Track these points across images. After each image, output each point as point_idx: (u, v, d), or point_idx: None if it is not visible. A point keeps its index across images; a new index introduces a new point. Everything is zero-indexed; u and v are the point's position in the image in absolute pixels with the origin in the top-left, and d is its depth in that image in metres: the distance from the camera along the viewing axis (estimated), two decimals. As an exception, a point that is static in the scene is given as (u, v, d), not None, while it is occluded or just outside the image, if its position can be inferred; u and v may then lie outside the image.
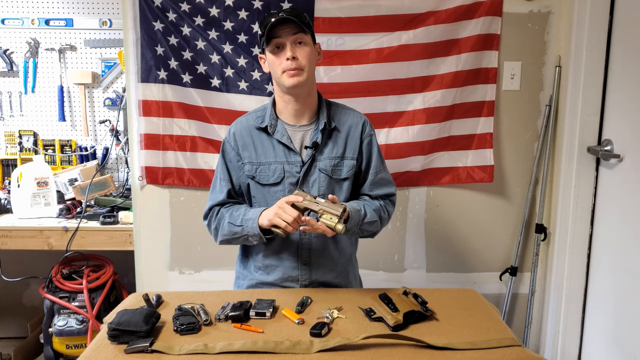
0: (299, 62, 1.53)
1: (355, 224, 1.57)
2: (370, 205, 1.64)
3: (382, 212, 1.67)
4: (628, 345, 1.98)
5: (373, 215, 1.62)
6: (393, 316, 1.37)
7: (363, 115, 1.73)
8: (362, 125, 1.68)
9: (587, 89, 2.15)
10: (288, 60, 1.52)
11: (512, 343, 1.32)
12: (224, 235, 1.63)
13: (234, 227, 1.60)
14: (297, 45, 1.55)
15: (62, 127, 2.82)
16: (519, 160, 2.41)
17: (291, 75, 1.53)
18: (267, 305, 1.45)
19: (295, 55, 1.53)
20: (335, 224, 1.44)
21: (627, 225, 1.99)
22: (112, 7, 2.70)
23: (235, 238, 1.62)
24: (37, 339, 2.62)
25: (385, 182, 1.72)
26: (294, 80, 1.54)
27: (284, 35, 1.53)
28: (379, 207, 1.67)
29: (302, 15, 1.55)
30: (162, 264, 2.44)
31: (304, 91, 1.60)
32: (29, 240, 2.36)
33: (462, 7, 2.23)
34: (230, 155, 1.67)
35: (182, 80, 2.27)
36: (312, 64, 1.58)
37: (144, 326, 1.31)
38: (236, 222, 1.60)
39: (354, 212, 1.55)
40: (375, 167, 1.69)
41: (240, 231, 1.59)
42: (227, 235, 1.62)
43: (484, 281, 2.49)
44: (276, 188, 1.63)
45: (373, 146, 1.70)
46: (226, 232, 1.62)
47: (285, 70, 1.54)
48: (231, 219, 1.61)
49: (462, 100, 2.32)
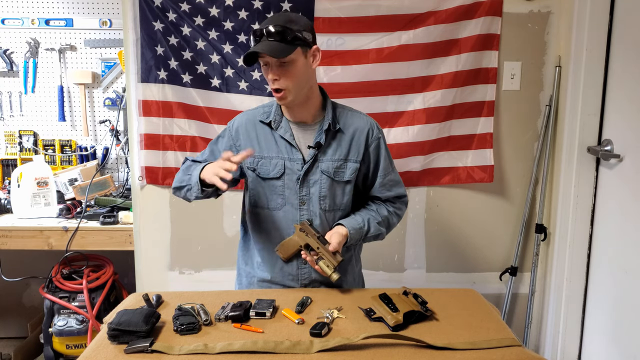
0: (281, 83, 1.52)
1: (357, 240, 1.65)
2: (376, 218, 1.67)
3: (391, 218, 1.71)
4: (628, 345, 1.98)
5: (377, 229, 1.66)
6: (393, 316, 1.37)
7: (371, 118, 1.71)
8: (369, 130, 1.67)
9: (587, 89, 2.15)
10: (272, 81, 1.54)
11: (512, 343, 1.32)
12: (176, 181, 1.66)
13: (184, 175, 1.63)
14: (282, 65, 1.51)
15: (62, 127, 2.82)
16: (519, 160, 2.41)
17: (276, 96, 1.57)
18: (267, 305, 1.45)
19: (278, 77, 1.52)
20: (331, 273, 1.52)
21: (627, 225, 1.99)
22: (112, 7, 2.70)
23: (180, 187, 1.64)
24: (37, 339, 2.62)
25: (395, 183, 1.73)
26: (280, 101, 1.59)
27: (267, 57, 1.51)
28: (386, 216, 1.69)
29: (286, 32, 1.48)
30: (162, 264, 2.44)
31: (296, 103, 1.61)
32: (29, 240, 2.36)
33: (462, 7, 2.23)
34: (224, 144, 1.69)
35: (182, 80, 2.27)
36: (300, 80, 1.54)
37: (144, 326, 1.31)
38: (187, 171, 1.63)
39: (355, 232, 1.62)
40: (384, 169, 1.69)
41: (187, 180, 1.61)
42: (177, 182, 1.65)
43: (484, 281, 2.49)
44: (276, 182, 1.63)
45: (381, 149, 1.69)
46: (178, 179, 1.66)
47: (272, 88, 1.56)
48: (186, 169, 1.65)
49: (462, 100, 2.32)
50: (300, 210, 1.64)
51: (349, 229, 1.61)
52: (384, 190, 1.71)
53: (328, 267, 1.52)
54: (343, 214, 1.68)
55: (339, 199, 1.66)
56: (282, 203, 1.64)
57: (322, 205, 1.64)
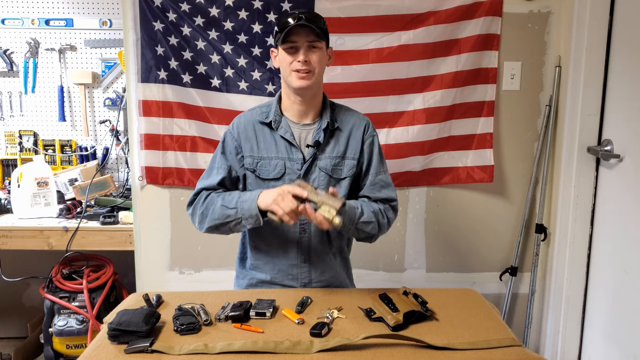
0: (310, 65, 1.56)
1: (350, 220, 1.56)
2: (369, 207, 1.64)
3: (381, 216, 1.64)
4: (628, 345, 1.98)
5: (370, 216, 1.61)
6: (393, 316, 1.37)
7: (366, 117, 1.73)
8: (365, 127, 1.69)
9: (587, 89, 2.15)
10: (299, 62, 1.55)
11: (512, 343, 1.32)
12: (214, 219, 1.59)
13: (227, 209, 1.56)
14: (311, 49, 1.57)
15: (62, 127, 2.82)
16: (519, 160, 2.41)
17: (300, 77, 1.56)
18: (267, 305, 1.45)
19: (308, 59, 1.56)
20: (333, 217, 1.42)
21: (627, 225, 1.99)
22: (112, 7, 2.70)
23: (225, 222, 1.57)
24: (37, 339, 2.62)
25: (385, 184, 1.70)
26: (302, 82, 1.57)
27: (299, 39, 1.55)
28: (377, 210, 1.65)
29: (320, 21, 1.58)
30: (162, 264, 2.45)
31: (311, 92, 1.62)
32: (29, 240, 2.36)
33: (462, 7, 2.23)
34: (230, 146, 1.67)
35: (182, 80, 2.28)
36: (322, 67, 1.61)
37: (144, 326, 1.31)
38: (230, 204, 1.57)
39: (350, 208, 1.55)
40: (375, 167, 1.69)
41: (234, 214, 1.55)
42: (217, 219, 1.58)
43: (484, 281, 2.49)
44: (276, 183, 1.63)
45: (374, 147, 1.70)
46: (217, 216, 1.58)
47: (295, 70, 1.56)
48: (224, 202, 1.58)
49: (462, 100, 2.32)
50: None
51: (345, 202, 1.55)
52: (374, 190, 1.68)
53: (329, 213, 1.42)
54: None
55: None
56: None
57: None
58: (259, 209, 1.52)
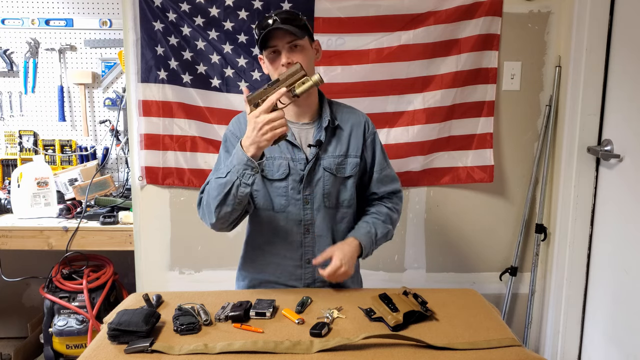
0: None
1: (371, 248, 1.63)
2: (379, 218, 1.67)
3: (392, 214, 1.71)
4: (628, 345, 1.98)
5: (384, 228, 1.67)
6: (393, 316, 1.37)
7: (364, 114, 1.74)
8: (365, 124, 1.70)
9: (587, 89, 2.15)
10: (283, 65, 1.53)
11: (512, 343, 1.32)
12: (215, 197, 1.47)
13: (221, 179, 1.47)
14: (292, 49, 1.55)
15: (62, 127, 2.82)
16: (519, 160, 2.41)
17: None
18: (267, 305, 1.45)
19: (291, 60, 1.54)
20: (312, 80, 1.43)
21: (627, 225, 1.99)
22: (112, 7, 2.70)
23: (227, 192, 1.45)
24: (37, 339, 2.62)
25: (391, 178, 1.74)
26: None
27: (278, 42, 1.54)
28: (387, 212, 1.70)
29: (296, 19, 1.55)
30: (162, 264, 2.44)
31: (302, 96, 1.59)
32: (29, 240, 2.36)
33: (462, 7, 2.23)
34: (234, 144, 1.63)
35: (182, 80, 2.27)
36: (309, 64, 1.58)
37: (144, 326, 1.31)
38: (222, 174, 1.48)
39: (365, 237, 1.61)
40: (380, 164, 1.71)
41: (230, 177, 1.44)
42: (218, 194, 1.46)
43: (484, 281, 2.49)
44: (280, 184, 1.62)
45: (376, 143, 1.71)
46: (216, 192, 1.47)
47: None
48: (217, 175, 1.50)
49: (462, 100, 2.32)
50: (304, 209, 1.63)
51: (358, 238, 1.60)
52: (381, 186, 1.72)
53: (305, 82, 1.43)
54: (348, 210, 1.69)
55: (342, 195, 1.67)
56: (286, 204, 1.63)
57: (326, 203, 1.64)
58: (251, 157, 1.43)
